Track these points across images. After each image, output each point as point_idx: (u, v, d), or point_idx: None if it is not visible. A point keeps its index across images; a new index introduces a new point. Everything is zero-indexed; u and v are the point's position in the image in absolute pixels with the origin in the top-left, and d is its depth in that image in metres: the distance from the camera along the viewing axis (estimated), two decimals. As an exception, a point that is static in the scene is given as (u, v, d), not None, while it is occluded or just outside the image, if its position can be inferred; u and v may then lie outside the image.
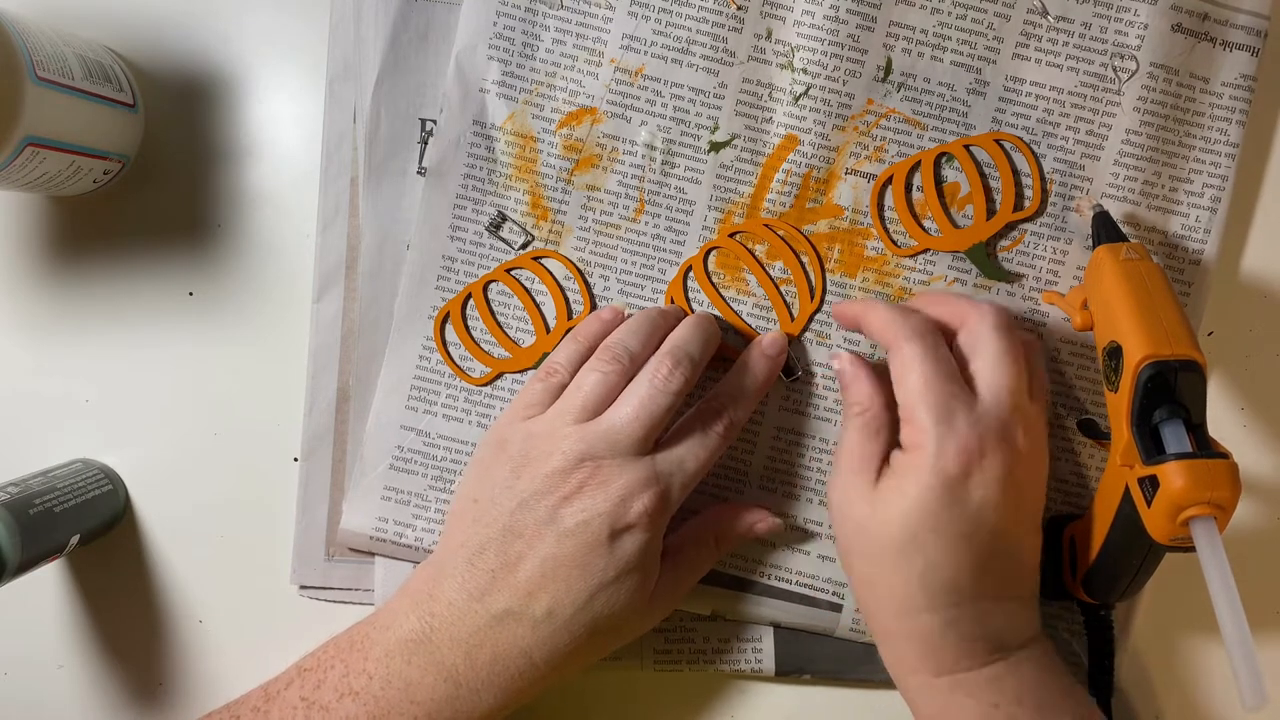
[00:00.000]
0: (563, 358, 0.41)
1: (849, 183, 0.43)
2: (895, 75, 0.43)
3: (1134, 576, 0.39)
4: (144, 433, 0.46)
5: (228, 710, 0.39)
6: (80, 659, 0.47)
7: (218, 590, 0.46)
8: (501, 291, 0.44)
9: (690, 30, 0.43)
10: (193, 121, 0.46)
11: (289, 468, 0.46)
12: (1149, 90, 0.42)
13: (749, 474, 0.44)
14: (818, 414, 0.44)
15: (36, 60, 0.38)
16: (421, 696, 0.37)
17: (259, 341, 0.46)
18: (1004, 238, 0.43)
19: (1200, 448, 0.35)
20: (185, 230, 0.46)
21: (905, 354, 0.38)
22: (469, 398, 0.44)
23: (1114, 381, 0.37)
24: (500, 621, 0.37)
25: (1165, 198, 0.43)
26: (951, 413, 0.36)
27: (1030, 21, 0.42)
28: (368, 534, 0.44)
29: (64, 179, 0.42)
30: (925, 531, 0.36)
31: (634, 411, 0.38)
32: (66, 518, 0.42)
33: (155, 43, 0.46)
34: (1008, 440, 0.36)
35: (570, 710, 0.46)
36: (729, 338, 0.44)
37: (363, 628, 0.39)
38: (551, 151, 0.43)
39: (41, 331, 0.46)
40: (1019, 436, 0.37)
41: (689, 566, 0.42)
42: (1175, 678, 0.46)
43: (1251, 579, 0.36)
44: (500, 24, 0.43)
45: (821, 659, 0.45)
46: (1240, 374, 0.45)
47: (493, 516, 0.38)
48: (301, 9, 0.45)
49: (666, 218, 0.44)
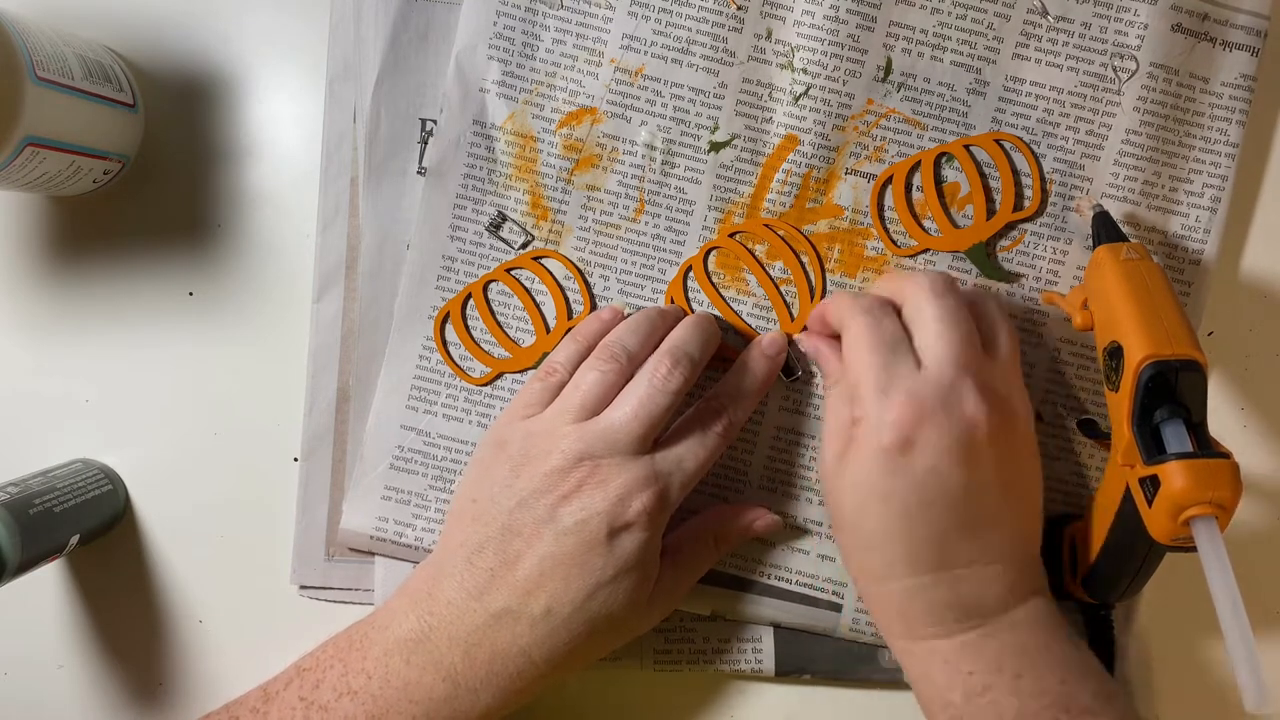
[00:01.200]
0: (562, 357, 0.41)
1: (849, 183, 0.43)
2: (895, 75, 0.43)
3: (1134, 576, 0.39)
4: (144, 433, 0.46)
5: (226, 711, 0.39)
6: (80, 659, 0.47)
7: (218, 590, 0.46)
8: (501, 291, 0.44)
9: (690, 30, 0.43)
10: (193, 121, 0.46)
11: (289, 468, 0.46)
12: (1149, 90, 0.42)
13: (749, 474, 0.44)
14: (818, 414, 0.44)
15: (36, 60, 0.38)
16: (420, 696, 0.37)
17: (259, 341, 0.46)
18: (1004, 238, 0.43)
19: (1201, 447, 0.35)
20: (185, 230, 0.46)
21: (850, 331, 0.38)
22: (469, 397, 0.44)
23: (1114, 381, 0.37)
24: (499, 620, 0.37)
25: (1165, 198, 0.43)
26: (889, 384, 0.36)
27: (1030, 21, 0.42)
28: (368, 534, 0.44)
29: (64, 179, 0.42)
30: (873, 501, 0.36)
31: (633, 410, 0.38)
32: (66, 518, 0.42)
33: (155, 43, 0.46)
34: (952, 407, 0.36)
35: (570, 710, 0.46)
36: (729, 338, 0.44)
37: (361, 627, 0.39)
38: (551, 151, 0.43)
39: (41, 331, 0.46)
40: (966, 402, 0.36)
41: (688, 566, 0.42)
42: (1175, 678, 0.46)
43: (1252, 579, 0.36)
44: (500, 24, 0.43)
45: (821, 659, 0.45)
46: (1240, 374, 0.45)
47: (492, 515, 0.38)
48: (301, 9, 0.45)
49: (666, 218, 0.44)
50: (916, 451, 0.36)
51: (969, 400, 0.36)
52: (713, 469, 0.43)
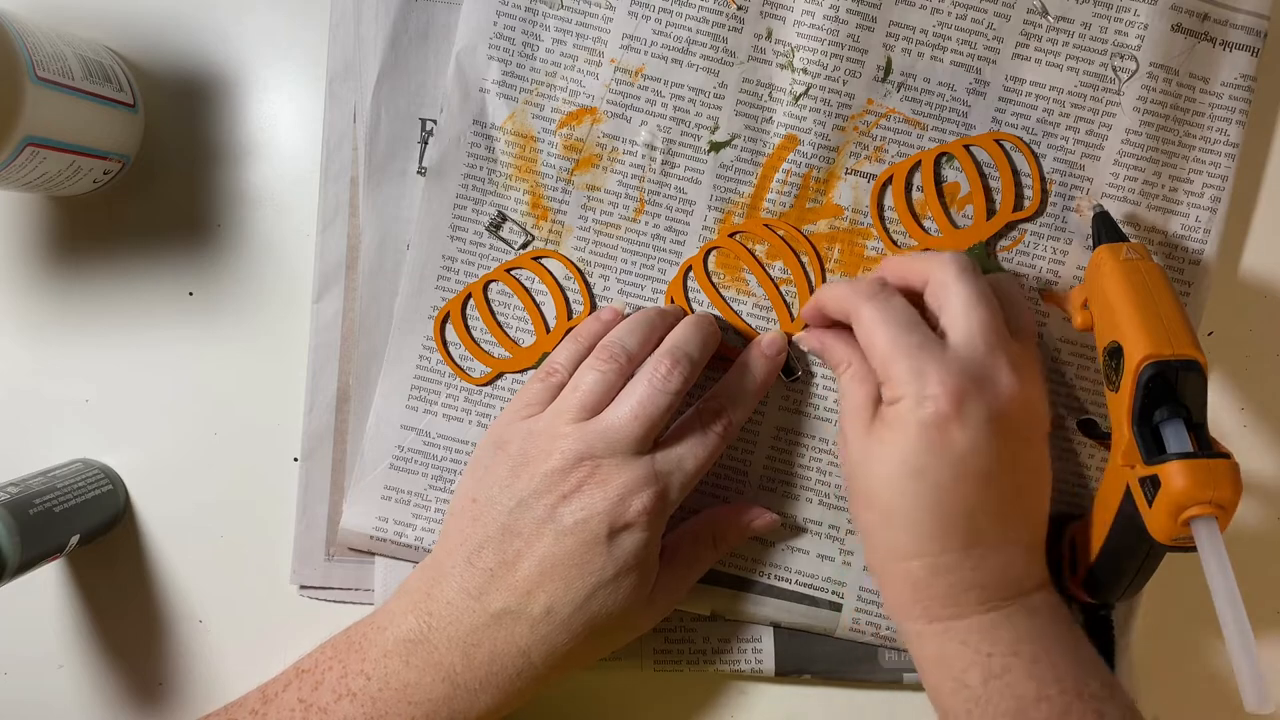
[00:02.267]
0: (563, 357, 0.41)
1: (849, 183, 0.43)
2: (895, 75, 0.43)
3: (1134, 576, 0.39)
4: (144, 433, 0.46)
5: (225, 713, 0.39)
6: (80, 659, 0.47)
7: (218, 590, 0.46)
8: (501, 291, 0.44)
9: (690, 30, 0.43)
10: (193, 121, 0.46)
11: (289, 468, 0.46)
12: (1149, 90, 0.42)
13: (749, 474, 0.44)
14: (818, 414, 0.44)
15: (36, 60, 0.38)
16: (419, 697, 0.37)
17: (259, 341, 0.46)
18: (1004, 238, 0.43)
19: (1201, 447, 0.35)
20: (185, 230, 0.46)
21: (864, 317, 0.38)
22: (469, 397, 0.44)
23: (1115, 381, 0.37)
24: (498, 620, 0.37)
25: (1165, 198, 0.43)
26: (923, 362, 0.36)
27: (1030, 21, 0.42)
28: (368, 534, 0.44)
29: (64, 179, 0.42)
30: (908, 478, 0.36)
31: (632, 410, 0.38)
32: (66, 518, 0.42)
33: (155, 43, 0.46)
34: (988, 383, 0.36)
35: (570, 710, 0.46)
36: (729, 338, 0.44)
37: (360, 628, 0.39)
38: (551, 151, 0.43)
39: (41, 331, 0.46)
40: (1001, 378, 0.36)
41: (688, 566, 0.42)
42: (1175, 678, 0.46)
43: (1252, 579, 0.36)
44: (500, 24, 0.43)
45: (821, 659, 0.45)
46: (1240, 374, 0.45)
47: (491, 515, 0.38)
48: (301, 9, 0.45)
49: (666, 218, 0.44)
50: (957, 427, 0.35)
51: (1004, 376, 0.36)
52: (713, 469, 0.43)
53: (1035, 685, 0.35)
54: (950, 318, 0.37)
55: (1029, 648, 0.35)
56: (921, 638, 0.37)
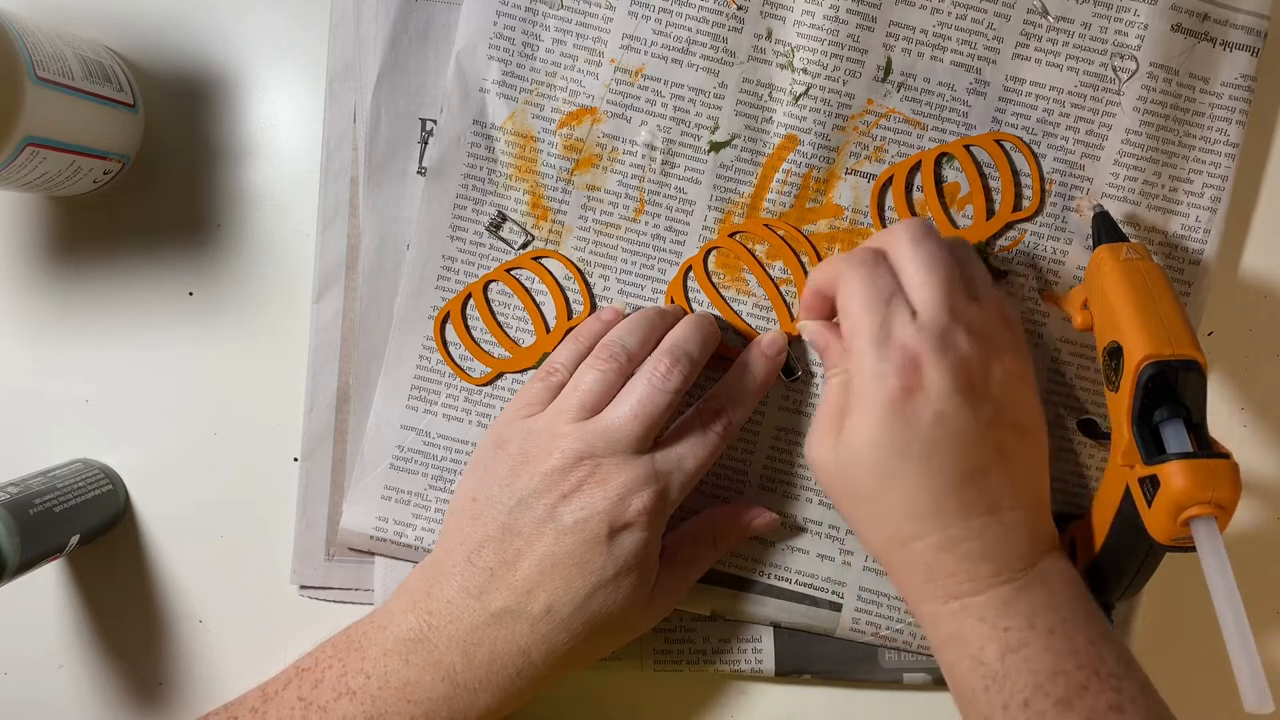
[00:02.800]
0: (563, 357, 0.41)
1: (849, 183, 0.43)
2: (895, 75, 0.43)
3: (1134, 576, 0.39)
4: (144, 433, 0.46)
5: (225, 711, 0.39)
6: (80, 659, 0.47)
7: (218, 590, 0.46)
8: (501, 291, 0.44)
9: (690, 30, 0.43)
10: (193, 121, 0.46)
11: (289, 468, 0.46)
12: (1149, 90, 0.42)
13: (749, 474, 0.44)
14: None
15: (36, 60, 0.38)
16: (419, 696, 0.37)
17: (259, 341, 0.46)
18: (1003, 238, 0.43)
19: (1201, 447, 0.35)
20: (185, 230, 0.46)
21: (842, 283, 0.37)
22: (469, 397, 0.44)
23: (1114, 381, 0.37)
24: (498, 619, 0.37)
25: (1165, 198, 0.43)
26: (887, 333, 0.35)
27: (1030, 21, 0.42)
28: (368, 534, 0.44)
29: (64, 179, 0.42)
30: (891, 458, 0.35)
31: (632, 410, 0.38)
32: (66, 518, 0.42)
33: (155, 43, 0.46)
34: (949, 349, 0.35)
35: (570, 710, 0.46)
36: (729, 338, 0.44)
37: (360, 627, 0.39)
38: (551, 151, 0.43)
39: (41, 331, 0.46)
40: (961, 341, 0.35)
41: (687, 565, 0.42)
42: (1175, 678, 0.45)
43: (1252, 579, 0.36)
44: (500, 24, 0.43)
45: (821, 659, 0.45)
46: (1240, 374, 0.45)
47: (491, 515, 0.38)
48: (301, 9, 0.45)
49: (666, 218, 0.44)
50: (920, 398, 0.35)
51: (962, 341, 0.35)
52: (713, 469, 0.43)
53: (1052, 658, 0.34)
54: (908, 284, 0.37)
55: (1045, 620, 0.35)
56: (938, 618, 0.37)
